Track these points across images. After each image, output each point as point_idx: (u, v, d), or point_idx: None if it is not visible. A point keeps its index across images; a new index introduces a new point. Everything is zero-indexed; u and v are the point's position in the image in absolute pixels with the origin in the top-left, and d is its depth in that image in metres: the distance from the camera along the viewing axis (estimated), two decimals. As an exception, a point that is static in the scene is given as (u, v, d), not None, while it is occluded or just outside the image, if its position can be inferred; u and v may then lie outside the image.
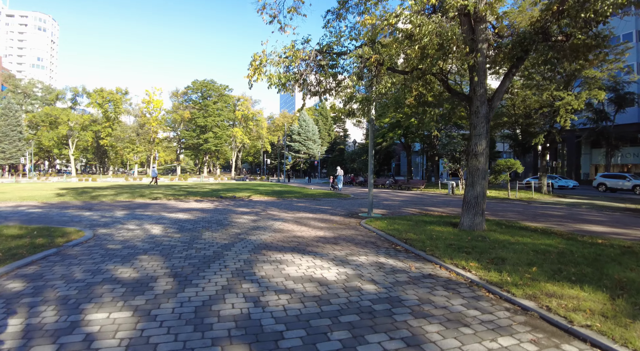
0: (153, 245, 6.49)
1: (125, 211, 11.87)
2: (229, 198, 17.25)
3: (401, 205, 15.36)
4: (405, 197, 20.23)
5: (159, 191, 21.02)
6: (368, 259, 5.57)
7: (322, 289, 4.14)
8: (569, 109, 22.24)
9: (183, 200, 16.17)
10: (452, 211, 13.02)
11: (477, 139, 8.14)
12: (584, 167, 45.93)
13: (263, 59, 9.02)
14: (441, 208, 13.91)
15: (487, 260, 5.31)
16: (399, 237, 7.20)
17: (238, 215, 10.87)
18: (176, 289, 4.11)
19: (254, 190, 22.65)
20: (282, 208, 13.07)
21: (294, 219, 10.19)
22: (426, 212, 12.59)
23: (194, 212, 11.66)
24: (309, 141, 64.34)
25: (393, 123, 36.07)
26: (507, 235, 7.48)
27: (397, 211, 12.81)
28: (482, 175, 8.14)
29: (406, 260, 5.58)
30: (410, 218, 9.93)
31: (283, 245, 6.50)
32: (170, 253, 5.85)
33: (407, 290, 4.20)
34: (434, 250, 6.02)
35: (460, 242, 6.56)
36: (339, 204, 15.22)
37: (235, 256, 5.66)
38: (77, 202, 15.03)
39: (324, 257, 5.62)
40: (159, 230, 8.12)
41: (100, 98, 66.43)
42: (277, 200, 16.70)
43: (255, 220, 9.84)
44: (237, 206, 13.90)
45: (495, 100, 8.30)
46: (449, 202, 17.43)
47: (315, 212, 11.98)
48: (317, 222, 9.65)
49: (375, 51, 8.97)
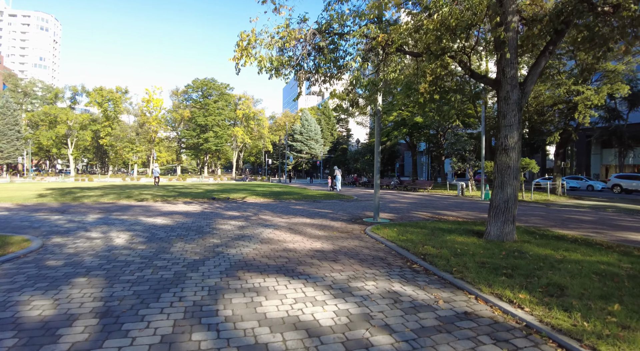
0: (104, 262, 5.12)
1: (100, 214, 10.54)
2: (222, 200, 15.89)
3: (410, 208, 13.92)
4: (413, 199, 18.78)
5: (150, 192, 19.71)
6: (378, 286, 4.16)
7: (311, 344, 2.75)
8: (588, 105, 20.72)
9: (171, 202, 14.82)
10: (468, 215, 11.56)
11: (508, 131, 6.72)
12: (594, 167, 44.17)
13: (252, 39, 7.64)
14: (455, 212, 12.46)
15: (539, 289, 3.89)
16: (414, 251, 5.78)
17: (224, 221, 9.49)
18: (90, 344, 2.73)
19: (251, 191, 21.28)
20: (276, 212, 11.67)
21: (288, 225, 8.79)
22: (439, 216, 11.15)
23: (176, 216, 10.30)
24: (311, 141, 62.93)
25: (398, 121, 34.58)
26: (547, 248, 6.04)
27: (406, 215, 11.38)
28: (513, 174, 6.71)
29: (429, 287, 4.17)
30: (424, 225, 8.49)
31: (267, 263, 5.10)
32: (118, 275, 4.48)
33: (439, 345, 2.79)
34: (463, 271, 4.61)
35: (494, 259, 5.14)
36: (340, 207, 13.80)
37: (201, 280, 4.28)
38: (55, 204, 13.73)
39: (319, 283, 4.22)
40: (124, 240, 6.76)
41: (100, 97, 65.46)
42: (274, 202, 15.31)
43: (243, 227, 8.45)
44: (227, 209, 12.53)
45: (529, 84, 6.87)
46: (460, 204, 15.96)
47: (314, 217, 10.58)
48: (315, 229, 8.24)
49: (383, 30, 7.61)
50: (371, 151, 45.13)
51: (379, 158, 9.78)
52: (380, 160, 46.02)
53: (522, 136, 25.74)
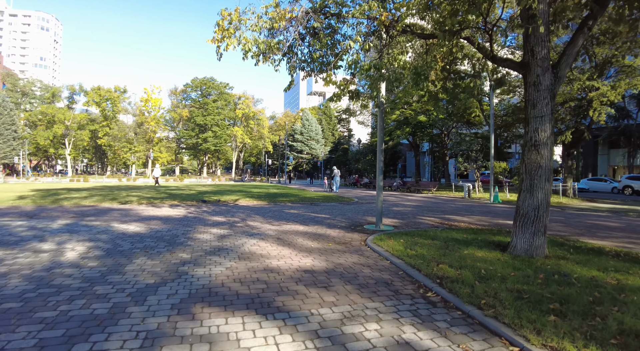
0: (32, 287, 4.00)
1: (70, 220, 9.43)
2: (212, 203, 14.76)
3: (415, 212, 12.75)
4: (418, 201, 17.59)
5: (139, 193, 18.61)
6: (382, 331, 3.00)
7: None
8: (604, 101, 19.51)
9: (156, 205, 13.71)
10: (481, 221, 10.38)
11: (538, 123, 5.55)
12: (601, 168, 42.83)
13: (234, 17, 6.53)
14: (466, 217, 11.27)
15: (612, 340, 2.73)
16: (427, 272, 4.61)
17: (205, 228, 8.35)
18: None
19: (246, 193, 20.15)
20: (267, 217, 10.53)
21: (277, 234, 7.65)
22: (450, 222, 9.97)
23: (153, 223, 9.17)
24: (312, 141, 61.76)
25: (401, 120, 33.39)
26: (591, 267, 4.87)
27: (412, 221, 10.22)
28: (545, 176, 5.55)
29: (452, 333, 3.01)
30: (435, 234, 7.31)
31: (238, 292, 3.95)
32: (36, 309, 3.34)
33: None
34: (496, 304, 3.45)
35: (531, 286, 3.98)
36: (339, 211, 12.64)
37: (140, 321, 3.13)
38: (31, 206, 12.64)
39: (301, 327, 3.06)
40: (77, 254, 5.63)
41: (98, 97, 64.47)
42: (267, 206, 14.16)
43: (224, 237, 7.31)
44: (214, 213, 11.40)
45: (563, 67, 5.70)
46: (469, 207, 14.76)
47: (309, 223, 9.43)
48: (307, 240, 7.09)
49: (386, 9, 6.51)
50: (373, 151, 43.88)
51: (381, 157, 8.63)
52: (382, 160, 44.70)
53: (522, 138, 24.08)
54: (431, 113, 31.95)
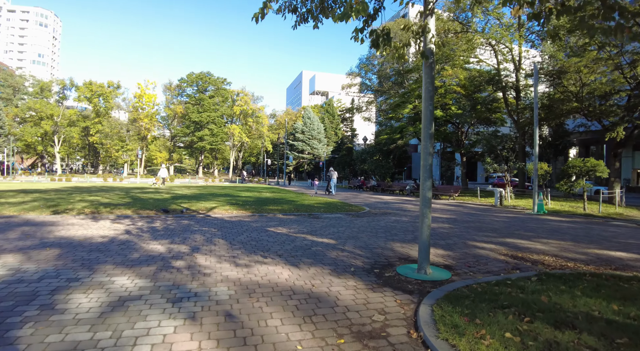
0: None
1: None
2: (175, 213, 11.05)
3: (458, 232, 8.90)
4: (445, 211, 13.81)
5: (95, 197, 14.92)
6: None
7: None
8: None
9: (96, 218, 10.03)
10: (571, 252, 6.50)
11: None
12: (625, 171, 38.83)
13: None
14: (538, 243, 7.41)
15: None
16: None
17: (113, 273, 4.64)
18: None
19: (231, 198, 16.45)
20: (236, 245, 6.77)
21: (232, 298, 3.91)
22: (527, 255, 6.12)
23: (39, 255, 5.46)
24: (314, 140, 58.01)
25: (413, 116, 29.65)
26: None
27: (465, 251, 6.42)
28: None
29: None
30: (539, 300, 3.51)
31: None
32: None
33: None
34: None
35: None
36: (349, 230, 8.81)
37: None
38: None
39: None
40: None
41: (89, 92, 61.01)
42: (248, 219, 10.42)
43: (120, 307, 3.59)
44: (159, 235, 7.67)
45: None
46: (522, 222, 10.89)
47: (301, 261, 5.67)
48: (292, 322, 3.36)
49: None
50: (381, 150, 40.03)
51: (430, 146, 4.87)
52: (390, 162, 40.00)
53: (545, 138, 18.79)
54: (449, 107, 28.21)
